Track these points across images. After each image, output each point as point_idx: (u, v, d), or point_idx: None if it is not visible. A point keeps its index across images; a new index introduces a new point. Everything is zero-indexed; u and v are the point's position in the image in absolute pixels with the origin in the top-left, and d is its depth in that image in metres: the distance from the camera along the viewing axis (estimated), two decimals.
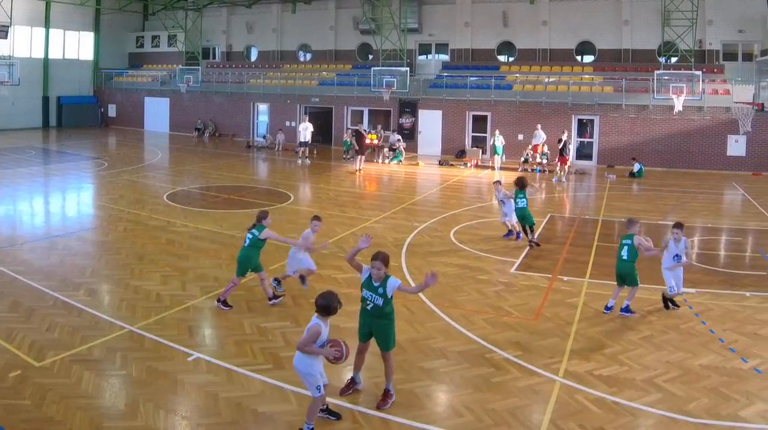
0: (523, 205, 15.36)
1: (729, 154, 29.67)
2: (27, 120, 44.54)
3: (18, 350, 8.76)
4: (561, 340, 9.69)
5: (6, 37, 39.75)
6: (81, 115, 48.04)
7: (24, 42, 43.97)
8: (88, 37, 49.41)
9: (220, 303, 10.66)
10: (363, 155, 28.81)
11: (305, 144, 32.33)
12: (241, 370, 8.39)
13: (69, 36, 47.84)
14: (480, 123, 35.03)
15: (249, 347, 9.13)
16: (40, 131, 44.11)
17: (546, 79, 34.95)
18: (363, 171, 28.19)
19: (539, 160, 29.93)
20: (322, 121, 39.00)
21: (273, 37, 47.20)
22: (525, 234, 15.59)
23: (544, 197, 23.34)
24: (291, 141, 36.17)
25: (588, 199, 23.10)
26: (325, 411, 7.21)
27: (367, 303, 7.64)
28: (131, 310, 10.45)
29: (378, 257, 7.55)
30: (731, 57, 34.37)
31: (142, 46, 52.76)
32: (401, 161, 31.89)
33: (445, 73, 38.03)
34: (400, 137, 33.61)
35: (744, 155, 29.41)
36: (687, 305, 11.18)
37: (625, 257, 10.77)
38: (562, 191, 24.83)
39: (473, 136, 35.36)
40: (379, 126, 36.00)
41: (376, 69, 35.91)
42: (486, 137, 34.18)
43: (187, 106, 44.78)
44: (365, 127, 33.66)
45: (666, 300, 11.00)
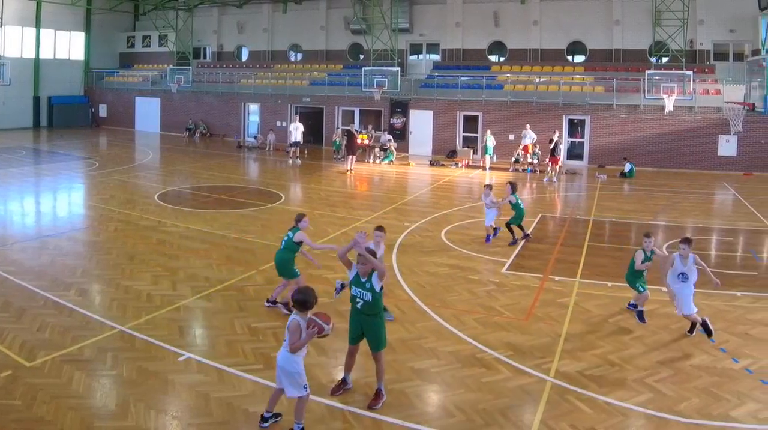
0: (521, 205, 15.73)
1: (720, 154, 29.77)
2: (18, 120, 44.27)
3: (9, 350, 8.73)
4: (552, 340, 9.72)
5: None
6: (72, 115, 47.79)
7: (15, 42, 43.67)
8: (79, 37, 49.17)
9: (275, 304, 10.65)
10: (354, 155, 28.80)
11: (296, 144, 32.32)
12: (232, 370, 8.38)
13: (60, 36, 47.57)
14: (471, 123, 35.06)
15: (240, 347, 9.12)
16: (31, 131, 43.88)
17: (537, 79, 35.01)
18: (354, 171, 28.18)
19: (530, 160, 29.97)
20: (313, 122, 38.97)
21: (264, 37, 47.10)
22: (512, 232, 15.70)
23: (535, 197, 23.40)
24: (282, 141, 36.10)
25: (579, 200, 23.16)
26: (272, 415, 7.18)
27: (357, 301, 7.64)
28: (122, 310, 10.42)
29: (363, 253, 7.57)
30: (722, 57, 34.50)
31: (133, 46, 52.53)
32: (392, 161, 31.89)
33: (436, 73, 38.05)
34: (391, 137, 33.58)
35: (735, 155, 29.52)
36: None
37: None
38: (553, 191, 24.90)
39: (464, 136, 35.40)
40: (370, 126, 36.01)
41: (367, 69, 35.92)
42: (477, 137, 34.26)
43: (178, 106, 44.64)
44: (356, 127, 33.63)
45: (695, 324, 9.98)
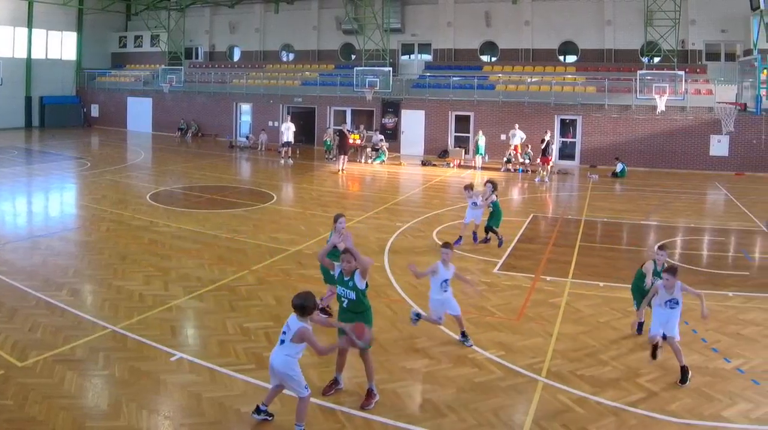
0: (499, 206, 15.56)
1: (712, 154, 29.90)
2: (9, 120, 44.06)
3: (0, 350, 8.71)
4: (544, 340, 9.75)
5: None
6: (64, 115, 47.63)
7: (6, 42, 43.57)
8: (70, 37, 48.99)
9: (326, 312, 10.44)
10: (346, 155, 28.79)
11: (288, 144, 32.26)
12: (224, 370, 8.37)
13: (52, 36, 47.38)
14: (463, 123, 35.13)
15: (232, 347, 9.12)
16: (22, 131, 43.70)
17: (529, 79, 35.05)
18: (346, 171, 28.18)
19: (521, 160, 30.03)
20: (304, 122, 38.95)
21: (256, 37, 47.03)
22: (496, 233, 15.50)
23: (527, 197, 23.46)
24: (274, 141, 36.08)
25: (571, 200, 23.23)
26: (265, 412, 7.17)
27: (342, 300, 7.67)
28: (114, 310, 10.40)
29: (347, 250, 7.56)
30: (714, 57, 34.63)
31: (125, 46, 52.36)
32: (384, 161, 31.91)
33: (428, 73, 38.11)
34: (383, 137, 33.62)
35: (727, 155, 29.65)
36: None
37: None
38: (544, 191, 24.96)
39: (456, 136, 35.46)
40: (362, 126, 35.92)
41: (358, 69, 35.94)
42: (469, 137, 34.32)
43: (170, 106, 44.54)
44: (348, 127, 33.64)
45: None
